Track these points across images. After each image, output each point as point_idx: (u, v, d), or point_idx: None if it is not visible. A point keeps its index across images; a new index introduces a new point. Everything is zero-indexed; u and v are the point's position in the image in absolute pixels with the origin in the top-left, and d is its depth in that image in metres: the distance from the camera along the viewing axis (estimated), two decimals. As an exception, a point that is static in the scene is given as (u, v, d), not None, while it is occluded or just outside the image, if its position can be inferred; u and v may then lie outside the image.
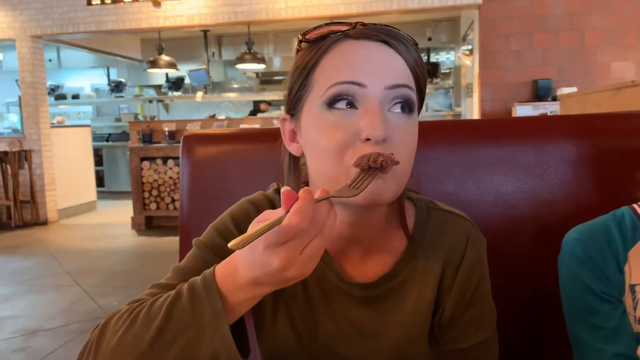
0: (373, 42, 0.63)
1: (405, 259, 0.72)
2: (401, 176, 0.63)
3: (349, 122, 0.60)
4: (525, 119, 1.38)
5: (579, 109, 2.67)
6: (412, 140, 0.64)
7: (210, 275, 0.58)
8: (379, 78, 0.61)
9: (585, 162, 0.98)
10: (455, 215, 0.75)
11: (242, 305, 0.58)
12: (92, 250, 4.99)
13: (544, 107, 4.81)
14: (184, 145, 1.07)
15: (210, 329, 0.56)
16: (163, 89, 8.61)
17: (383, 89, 0.61)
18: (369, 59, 0.61)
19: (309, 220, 0.49)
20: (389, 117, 0.61)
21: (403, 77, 0.62)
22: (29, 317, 3.25)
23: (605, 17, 4.95)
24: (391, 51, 0.63)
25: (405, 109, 0.63)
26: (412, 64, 0.64)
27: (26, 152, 6.26)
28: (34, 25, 6.17)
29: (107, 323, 0.61)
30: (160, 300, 0.59)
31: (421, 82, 0.66)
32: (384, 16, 5.62)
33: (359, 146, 0.59)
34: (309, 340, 0.73)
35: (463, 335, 0.72)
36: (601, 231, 0.79)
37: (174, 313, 0.57)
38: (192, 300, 0.57)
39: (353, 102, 0.61)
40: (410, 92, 0.63)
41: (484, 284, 0.73)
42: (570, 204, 0.97)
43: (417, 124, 0.66)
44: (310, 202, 0.49)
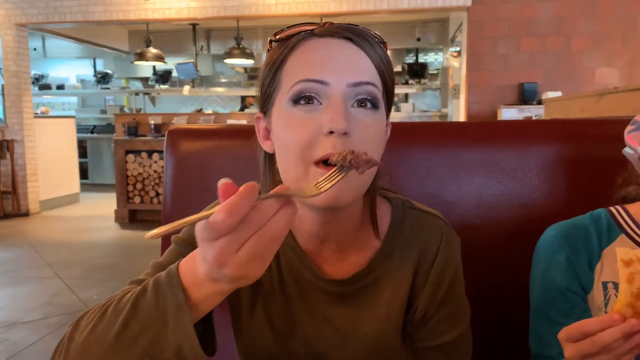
0: (337, 39, 0.64)
1: (380, 256, 0.73)
2: (361, 178, 0.62)
3: (313, 117, 0.61)
4: (508, 123, 1.40)
5: (563, 114, 2.70)
6: (376, 135, 0.64)
7: (174, 269, 0.57)
8: (341, 75, 0.62)
9: (565, 167, 1.00)
10: (430, 215, 0.76)
11: (206, 302, 0.56)
12: (74, 243, 4.94)
13: (529, 110, 4.87)
14: (169, 139, 1.06)
15: (173, 322, 0.55)
16: (150, 82, 8.53)
17: (345, 86, 0.62)
18: (332, 56, 0.63)
19: (239, 217, 0.45)
20: (353, 113, 0.62)
21: (366, 74, 0.63)
22: (8, 309, 3.21)
23: (592, 23, 5.01)
24: (355, 48, 0.64)
25: (368, 105, 0.63)
26: (377, 61, 0.65)
27: (8, 142, 6.17)
28: (19, 13, 6.07)
29: (81, 318, 0.61)
30: (128, 295, 0.59)
31: (387, 79, 0.67)
32: (374, 16, 5.64)
33: (322, 140, 0.60)
34: (286, 337, 0.73)
35: (436, 332, 0.74)
36: (580, 230, 0.81)
37: (139, 307, 0.57)
38: (157, 294, 0.56)
39: (317, 98, 0.62)
40: (373, 89, 0.63)
41: (457, 282, 0.74)
42: (549, 207, 0.99)
43: (383, 121, 0.66)
44: (244, 197, 0.45)
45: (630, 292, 0.57)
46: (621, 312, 0.58)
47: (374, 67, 0.64)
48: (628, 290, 0.57)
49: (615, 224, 0.81)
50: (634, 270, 0.58)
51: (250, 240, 0.47)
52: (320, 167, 0.61)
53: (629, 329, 0.56)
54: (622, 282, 0.58)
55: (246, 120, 6.11)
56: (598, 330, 0.58)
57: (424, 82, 7.67)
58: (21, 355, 2.56)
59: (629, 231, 0.80)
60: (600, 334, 0.57)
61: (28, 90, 6.36)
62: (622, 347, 0.57)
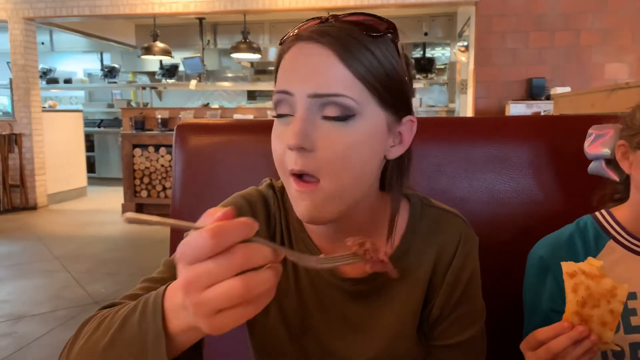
0: (315, 44, 0.60)
1: (397, 255, 0.72)
2: (331, 195, 0.61)
3: (286, 130, 0.61)
4: (519, 118, 1.39)
5: (572, 109, 2.68)
6: (344, 150, 0.60)
7: (161, 292, 0.51)
8: (304, 86, 0.59)
9: (577, 162, 0.99)
10: (449, 213, 0.75)
11: (183, 335, 0.49)
12: (81, 236, 4.96)
13: (537, 105, 4.83)
14: (178, 134, 1.06)
15: (152, 350, 0.49)
16: (157, 76, 8.53)
17: (306, 97, 0.59)
18: (299, 64, 0.61)
19: (223, 243, 0.40)
20: (319, 126, 0.59)
21: (332, 84, 0.59)
22: (16, 302, 3.24)
23: (601, 18, 4.97)
24: (326, 53, 0.59)
25: (337, 118, 0.59)
26: (357, 68, 0.59)
27: (16, 135, 6.20)
28: (27, 7, 6.09)
29: (87, 322, 0.59)
30: (123, 309, 0.56)
31: (377, 83, 0.61)
32: (381, 10, 5.60)
33: (289, 154, 0.60)
34: (300, 335, 0.73)
35: (451, 331, 0.73)
36: (565, 245, 0.84)
37: (126, 326, 0.53)
38: (141, 317, 0.51)
39: (289, 110, 0.61)
40: (341, 100, 0.59)
41: (474, 282, 0.74)
42: (561, 203, 0.98)
43: (363, 130, 0.61)
44: (237, 226, 0.40)
45: (575, 301, 0.63)
46: (569, 320, 0.63)
47: (349, 73, 0.59)
48: (574, 300, 0.63)
49: (602, 230, 0.83)
50: (577, 281, 0.64)
51: (227, 282, 0.41)
52: (293, 179, 0.61)
53: (576, 335, 0.62)
54: (568, 293, 0.64)
55: (253, 114, 6.11)
56: (551, 337, 0.64)
57: (431, 77, 7.64)
58: (29, 348, 2.58)
59: (617, 236, 0.82)
60: (552, 341, 0.63)
61: (36, 85, 6.38)
62: (573, 352, 0.63)
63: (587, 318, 0.64)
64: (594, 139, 0.87)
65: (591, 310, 0.63)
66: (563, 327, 0.63)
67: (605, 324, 0.64)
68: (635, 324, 0.77)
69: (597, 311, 0.63)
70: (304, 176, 0.61)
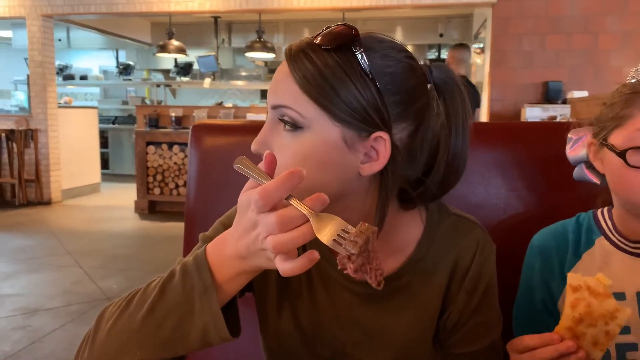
0: (285, 61, 0.64)
1: (413, 260, 0.71)
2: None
3: None
4: (537, 124, 1.37)
5: (589, 114, 2.64)
6: (291, 161, 0.61)
7: (201, 252, 0.59)
8: (270, 97, 0.65)
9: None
10: (466, 220, 0.75)
11: (231, 282, 0.58)
12: (94, 232, 5.01)
13: (553, 109, 4.78)
14: (193, 134, 1.06)
15: (200, 303, 0.57)
16: (171, 74, 8.59)
17: (270, 108, 0.65)
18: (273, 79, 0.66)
19: (259, 209, 0.52)
20: (280, 135, 0.64)
21: (285, 97, 0.62)
22: (30, 295, 3.27)
23: (620, 21, 4.90)
24: (285, 69, 0.63)
25: (289, 128, 0.62)
26: (300, 78, 0.60)
27: (32, 131, 6.27)
28: (45, 4, 6.15)
29: (106, 309, 0.63)
30: (154, 282, 0.61)
31: (315, 92, 0.60)
32: (397, 11, 5.58)
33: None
34: (312, 338, 0.73)
35: (468, 340, 0.72)
36: (555, 238, 0.84)
37: (166, 291, 0.58)
38: (183, 277, 0.58)
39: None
40: (288, 112, 0.61)
41: (491, 290, 0.73)
42: (582, 210, 0.96)
43: (312, 143, 0.61)
44: (270, 192, 0.51)
45: (572, 317, 0.62)
46: (561, 333, 0.62)
47: (297, 88, 0.61)
48: (570, 315, 0.62)
49: (597, 226, 0.83)
50: (579, 296, 0.61)
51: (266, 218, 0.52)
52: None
53: (564, 349, 0.62)
54: (567, 307, 0.62)
55: (266, 114, 6.11)
56: (538, 346, 0.63)
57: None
58: (42, 342, 2.61)
59: (608, 233, 0.81)
60: (539, 350, 0.63)
61: (52, 81, 6.46)
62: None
63: (579, 335, 0.62)
64: (572, 143, 0.85)
65: (586, 328, 0.62)
66: (552, 339, 0.63)
67: (596, 344, 0.62)
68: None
69: (592, 330, 0.61)
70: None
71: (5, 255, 4.14)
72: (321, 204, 0.52)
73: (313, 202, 0.52)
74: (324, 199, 0.52)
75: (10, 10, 6.27)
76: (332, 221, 0.53)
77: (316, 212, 0.52)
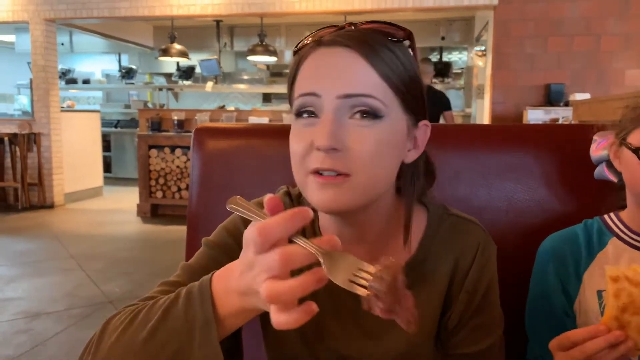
0: (340, 48, 0.62)
1: (414, 262, 0.72)
2: (365, 188, 0.62)
3: (310, 131, 0.62)
4: (540, 127, 1.37)
5: (591, 116, 2.64)
6: (374, 147, 0.61)
7: (207, 281, 0.57)
8: (332, 87, 0.61)
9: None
10: (467, 221, 0.75)
11: (234, 318, 0.56)
12: (96, 236, 5.02)
13: (555, 112, 4.77)
14: (195, 137, 1.07)
15: (200, 336, 0.55)
16: (173, 78, 8.61)
17: (335, 98, 0.60)
18: (326, 67, 0.62)
19: (258, 248, 0.48)
20: (348, 125, 0.61)
21: (361, 85, 0.61)
22: (33, 299, 3.28)
23: (622, 23, 4.89)
24: (355, 57, 0.61)
25: (366, 117, 0.61)
26: (383, 70, 0.62)
27: (35, 134, 6.29)
28: (48, 8, 6.18)
29: (110, 319, 0.61)
30: (160, 301, 0.59)
31: (402, 84, 0.63)
32: (398, 13, 5.59)
33: (314, 154, 0.61)
34: (314, 341, 0.73)
35: (469, 340, 0.72)
36: (567, 241, 0.86)
37: (169, 316, 0.56)
38: (187, 305, 0.56)
39: (314, 112, 0.62)
40: (370, 101, 0.60)
41: (493, 290, 0.73)
42: (581, 213, 0.96)
43: (390, 130, 0.63)
44: (270, 230, 0.47)
45: (616, 307, 0.63)
46: (607, 324, 0.64)
47: (377, 75, 0.61)
48: (615, 305, 0.64)
49: (607, 228, 0.86)
50: (620, 286, 0.64)
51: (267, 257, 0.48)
52: (315, 176, 0.62)
53: (613, 339, 0.63)
54: (610, 297, 0.64)
55: (268, 117, 6.13)
56: (586, 339, 0.64)
57: (448, 82, 7.59)
58: (45, 345, 2.61)
59: (620, 233, 0.84)
60: (587, 343, 0.64)
61: (55, 85, 6.48)
62: (607, 356, 0.64)
63: (625, 324, 0.64)
64: (597, 144, 0.90)
65: (631, 317, 0.64)
66: (599, 330, 0.64)
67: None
68: None
69: (637, 318, 0.63)
70: (327, 172, 0.61)
71: (7, 259, 4.15)
72: (332, 245, 0.48)
73: (322, 242, 0.48)
74: (336, 241, 0.49)
75: (13, 14, 6.30)
76: (346, 259, 0.48)
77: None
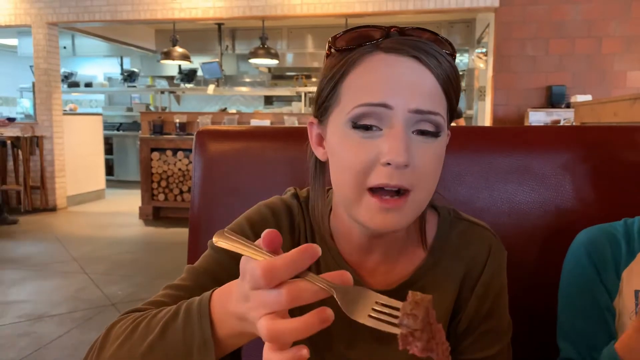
0: (403, 57, 0.59)
1: (425, 267, 0.71)
2: (421, 203, 0.62)
3: (372, 144, 0.59)
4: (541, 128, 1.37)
5: (593, 118, 2.64)
6: (435, 163, 0.61)
7: (206, 299, 0.54)
8: (405, 100, 0.58)
9: (600, 174, 0.97)
10: (478, 226, 0.75)
11: (232, 339, 0.53)
12: (99, 238, 5.02)
13: (557, 113, 4.77)
14: (197, 140, 1.07)
15: (198, 356, 0.52)
16: (175, 81, 8.63)
17: (407, 112, 0.58)
18: (397, 78, 0.59)
19: (262, 286, 0.44)
20: (413, 141, 0.59)
21: (430, 100, 0.59)
22: (35, 302, 3.28)
23: (624, 26, 4.89)
24: (421, 68, 0.60)
25: (431, 133, 0.60)
26: (444, 79, 0.61)
27: (38, 138, 6.31)
28: (51, 12, 6.21)
29: (113, 326, 0.60)
30: (161, 314, 0.57)
31: (453, 95, 0.63)
32: (399, 16, 5.60)
33: (378, 169, 0.58)
34: (322, 346, 0.72)
35: (478, 345, 0.72)
36: (607, 235, 0.82)
37: (167, 332, 0.54)
38: (185, 322, 0.54)
39: (378, 123, 0.59)
40: (437, 119, 0.60)
41: (502, 296, 0.73)
42: (584, 215, 0.96)
43: (444, 144, 0.63)
44: (277, 271, 0.43)
45: None
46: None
47: (440, 88, 0.61)
48: None
49: None
50: None
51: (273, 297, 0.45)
52: (374, 197, 0.59)
53: None
54: None
55: (270, 120, 6.13)
56: None
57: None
58: (47, 348, 2.61)
59: None
60: None
61: (58, 88, 6.50)
62: None
63: None
64: None
65: None
66: None
67: None
68: None
69: None
70: (385, 190, 0.59)
71: (10, 262, 4.16)
72: (343, 281, 0.45)
73: (333, 277, 0.45)
74: (348, 277, 0.45)
75: (16, 18, 6.32)
76: (362, 294, 0.46)
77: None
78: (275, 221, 0.73)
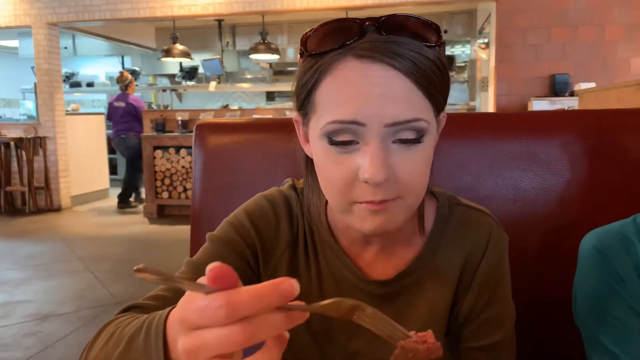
0: (376, 63, 0.55)
1: (424, 255, 0.70)
2: (411, 204, 0.61)
3: (351, 159, 0.57)
4: (546, 113, 1.36)
5: (597, 105, 2.62)
6: (420, 168, 0.59)
7: (162, 319, 0.47)
8: (379, 114, 0.55)
9: (607, 159, 0.96)
10: (478, 211, 0.73)
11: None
12: (104, 237, 5.03)
13: (560, 102, 4.74)
14: (197, 134, 1.06)
15: None
16: (177, 78, 8.62)
17: (383, 127, 0.55)
18: (369, 90, 0.55)
19: (220, 323, 0.35)
20: (393, 151, 0.56)
21: (409, 106, 0.55)
22: (41, 302, 3.29)
23: (627, 12, 4.85)
24: (397, 75, 0.55)
25: (412, 140, 0.57)
26: (424, 81, 0.56)
27: (41, 138, 6.32)
28: (50, 12, 6.20)
29: (104, 328, 0.58)
30: (130, 325, 0.53)
31: (436, 92, 0.58)
32: (400, 7, 5.56)
33: (361, 186, 0.57)
34: (323, 340, 0.71)
35: (480, 333, 0.71)
36: (619, 237, 0.76)
37: (132, 347, 0.51)
38: (146, 340, 0.49)
39: (354, 137, 0.56)
40: (418, 124, 0.56)
41: (504, 283, 0.71)
42: (589, 201, 0.95)
43: (430, 146, 0.60)
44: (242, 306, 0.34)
45: None
46: None
47: (420, 91, 0.56)
48: None
49: None
50: None
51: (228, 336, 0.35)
52: (366, 205, 0.58)
53: None
54: None
55: (272, 115, 6.12)
56: None
57: (451, 75, 7.47)
58: (54, 347, 2.62)
59: None
60: None
61: (59, 88, 6.50)
62: None
63: None
64: None
65: None
66: None
67: None
68: None
69: None
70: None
71: (16, 262, 4.17)
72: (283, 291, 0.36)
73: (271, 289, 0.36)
74: (286, 286, 0.36)
75: (15, 19, 6.32)
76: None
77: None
78: (273, 213, 0.72)
